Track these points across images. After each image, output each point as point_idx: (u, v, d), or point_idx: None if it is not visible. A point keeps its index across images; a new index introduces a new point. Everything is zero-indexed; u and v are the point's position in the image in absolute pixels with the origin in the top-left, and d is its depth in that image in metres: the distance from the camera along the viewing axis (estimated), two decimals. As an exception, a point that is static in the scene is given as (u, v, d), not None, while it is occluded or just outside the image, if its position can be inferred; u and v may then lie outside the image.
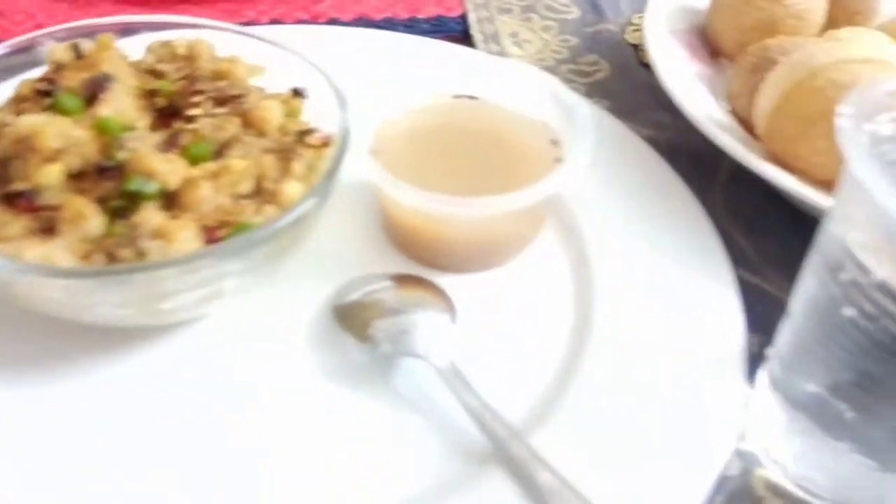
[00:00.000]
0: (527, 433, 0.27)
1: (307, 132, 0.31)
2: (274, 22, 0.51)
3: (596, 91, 0.47)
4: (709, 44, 0.44)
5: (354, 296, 0.33)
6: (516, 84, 0.39)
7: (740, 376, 0.29)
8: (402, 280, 0.34)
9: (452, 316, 0.31)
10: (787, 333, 0.27)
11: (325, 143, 0.31)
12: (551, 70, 0.49)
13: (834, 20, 0.43)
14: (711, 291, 0.32)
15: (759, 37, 0.40)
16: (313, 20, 0.51)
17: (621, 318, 0.32)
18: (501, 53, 0.50)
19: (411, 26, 0.52)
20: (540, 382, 0.30)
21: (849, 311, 0.23)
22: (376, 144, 0.34)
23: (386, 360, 0.30)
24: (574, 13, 0.54)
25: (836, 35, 0.41)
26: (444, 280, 0.33)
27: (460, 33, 0.52)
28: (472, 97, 0.37)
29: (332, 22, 0.51)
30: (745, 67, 0.38)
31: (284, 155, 0.30)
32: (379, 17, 0.52)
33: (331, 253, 0.34)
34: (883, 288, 0.22)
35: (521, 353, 0.31)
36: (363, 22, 0.51)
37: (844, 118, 0.22)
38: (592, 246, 0.35)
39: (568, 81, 0.48)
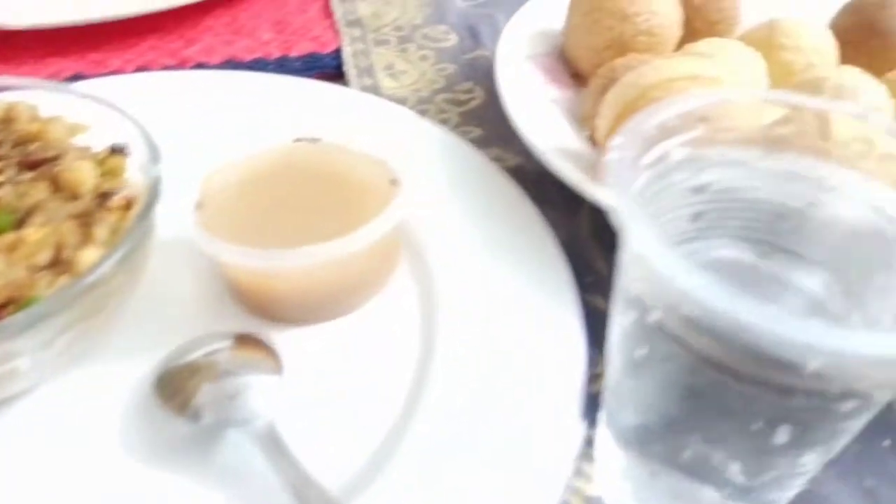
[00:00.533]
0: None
1: (107, 194, 0.29)
2: (139, 70, 0.49)
3: (470, 119, 0.46)
4: (569, 67, 0.43)
5: (189, 357, 0.31)
6: (368, 120, 0.38)
7: (575, 417, 0.28)
8: (239, 339, 0.32)
9: (280, 376, 0.30)
10: (608, 368, 0.26)
11: (128, 205, 0.29)
12: (427, 100, 0.48)
13: (694, 32, 0.43)
14: (558, 330, 0.31)
15: (613, 56, 0.39)
16: (181, 66, 0.50)
17: (461, 368, 0.30)
18: (375, 87, 0.49)
19: (282, 65, 0.50)
20: (369, 445, 0.28)
21: (640, 351, 0.22)
22: (203, 197, 0.32)
23: (209, 431, 0.28)
24: (452, 40, 0.54)
25: (693, 48, 0.40)
26: (291, 333, 0.32)
27: (334, 69, 0.51)
28: (313, 140, 0.36)
29: (200, 66, 0.50)
30: (595, 89, 0.37)
31: (85, 220, 0.28)
32: (249, 58, 0.51)
33: (171, 315, 0.33)
34: (662, 331, 0.20)
35: (354, 411, 0.29)
36: (232, 65, 0.50)
37: (614, 156, 0.21)
38: (441, 286, 0.33)
39: (442, 111, 0.47)
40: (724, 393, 0.21)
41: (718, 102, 0.24)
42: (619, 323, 0.23)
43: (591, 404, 0.29)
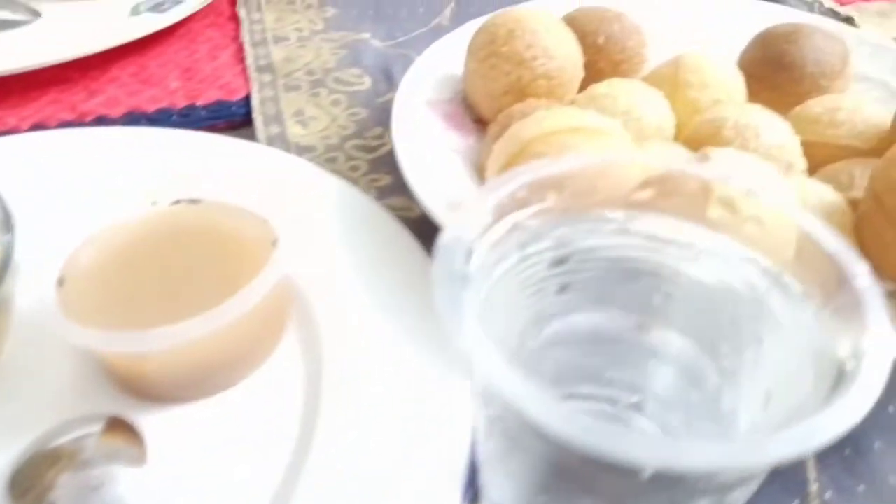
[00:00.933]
0: None
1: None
2: (36, 127, 0.47)
3: (380, 166, 0.45)
4: (472, 112, 0.42)
5: (55, 444, 0.29)
6: (260, 174, 0.36)
7: (456, 492, 0.26)
8: (111, 423, 0.30)
9: (146, 464, 0.28)
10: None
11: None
12: (336, 147, 0.46)
13: (598, 73, 0.42)
14: (448, 398, 0.29)
15: (512, 102, 0.38)
16: (80, 119, 0.48)
17: (342, 448, 0.28)
18: (283, 135, 0.47)
19: (187, 115, 0.49)
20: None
21: (497, 435, 0.20)
22: (66, 272, 0.30)
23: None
24: (365, 84, 0.52)
25: (594, 90, 0.39)
26: (167, 413, 0.30)
27: (242, 117, 0.49)
28: (193, 201, 0.34)
29: (101, 119, 0.48)
30: (491, 137, 0.36)
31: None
32: (153, 108, 0.49)
33: (37, 397, 0.31)
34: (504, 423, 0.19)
35: (227, 499, 0.27)
36: (134, 117, 0.48)
37: (447, 237, 0.19)
38: (327, 354, 0.32)
39: (351, 159, 0.46)
40: (586, 475, 0.19)
41: (577, 167, 0.22)
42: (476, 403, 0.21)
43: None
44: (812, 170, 0.37)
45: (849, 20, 0.62)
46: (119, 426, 0.30)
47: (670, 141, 0.39)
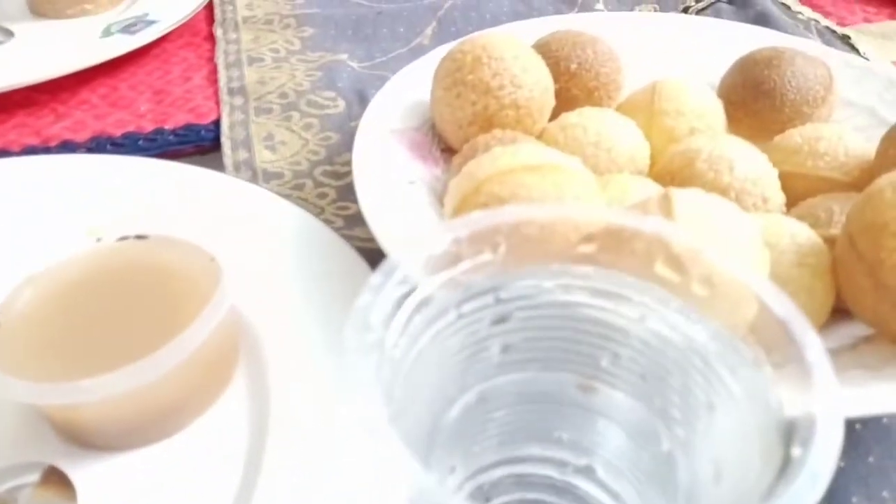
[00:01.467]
0: None
1: None
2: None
3: (347, 194, 0.43)
4: (440, 141, 0.40)
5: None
6: (217, 206, 0.35)
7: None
8: (49, 472, 0.28)
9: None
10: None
11: None
12: (304, 174, 0.45)
13: (572, 100, 0.40)
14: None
15: (479, 131, 0.37)
16: (44, 144, 0.47)
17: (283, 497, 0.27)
18: (251, 161, 0.46)
19: (154, 140, 0.47)
20: None
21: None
22: (1, 315, 0.29)
23: None
24: (339, 107, 0.51)
25: (565, 119, 0.38)
26: (108, 461, 0.29)
27: (211, 142, 0.48)
28: (140, 237, 0.33)
29: (66, 144, 0.47)
30: (454, 169, 0.35)
31: None
32: (119, 133, 0.48)
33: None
34: None
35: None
36: (100, 141, 0.47)
37: (364, 301, 0.18)
38: (275, 394, 0.30)
39: (319, 185, 0.44)
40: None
41: (519, 219, 0.21)
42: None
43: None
44: (792, 202, 0.35)
45: (845, 38, 0.60)
46: (55, 477, 0.28)
47: (644, 172, 0.38)
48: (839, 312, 0.31)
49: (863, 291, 0.28)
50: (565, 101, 0.40)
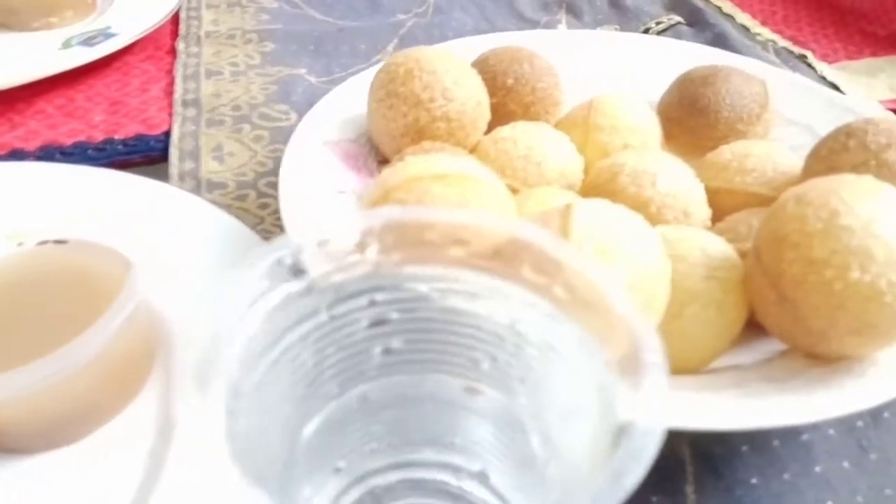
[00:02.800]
0: None
1: None
2: (-52, 159, 0.47)
3: (291, 205, 0.44)
4: (378, 153, 0.41)
5: None
6: (143, 211, 0.35)
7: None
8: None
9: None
10: None
11: None
12: (248, 185, 0.45)
13: (509, 115, 0.41)
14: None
15: (411, 143, 0.37)
16: (-6, 152, 0.47)
17: None
18: (196, 170, 0.46)
19: (103, 149, 0.48)
20: None
21: None
22: None
23: None
24: (291, 120, 0.51)
25: (497, 133, 0.38)
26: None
27: (160, 152, 0.48)
28: (59, 241, 0.33)
29: (15, 152, 0.47)
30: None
31: None
32: (70, 142, 0.48)
33: None
34: None
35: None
36: (49, 150, 0.47)
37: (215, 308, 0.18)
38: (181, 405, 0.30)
39: (262, 195, 0.45)
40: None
41: (394, 220, 0.21)
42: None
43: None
44: (720, 218, 0.36)
45: (802, 58, 0.60)
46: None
47: (576, 186, 0.38)
48: (759, 328, 0.31)
49: (768, 304, 0.28)
50: (502, 115, 0.40)
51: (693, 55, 0.49)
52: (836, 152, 0.33)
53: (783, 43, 0.62)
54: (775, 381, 0.28)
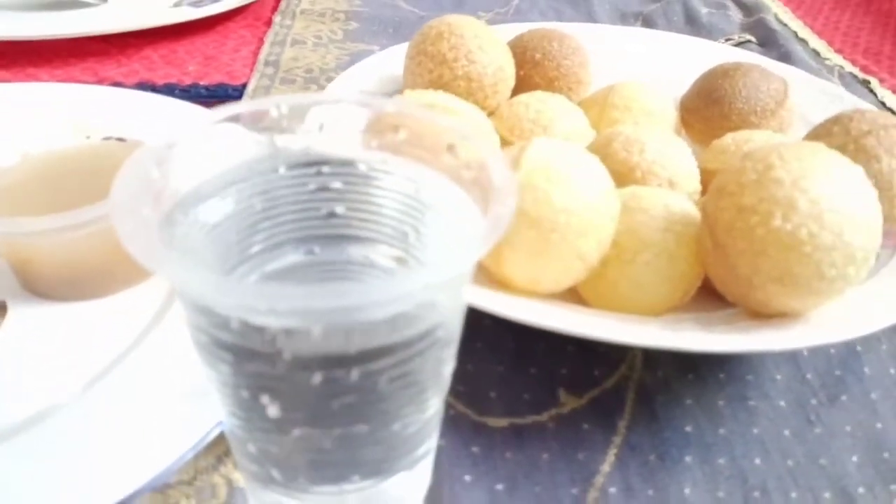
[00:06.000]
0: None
1: None
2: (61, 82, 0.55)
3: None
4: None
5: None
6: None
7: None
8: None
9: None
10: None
11: None
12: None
13: (533, 87, 0.44)
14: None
15: (432, 98, 0.41)
16: (98, 83, 0.55)
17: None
18: (262, 117, 0.52)
19: (188, 91, 0.54)
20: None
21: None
22: (-7, 175, 0.36)
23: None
24: (354, 85, 0.56)
25: (516, 99, 0.41)
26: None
27: (236, 99, 0.54)
28: (120, 139, 0.39)
29: (116, 84, 0.55)
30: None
31: None
32: (162, 82, 0.55)
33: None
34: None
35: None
36: (144, 86, 0.55)
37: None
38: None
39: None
40: (252, 374, 0.21)
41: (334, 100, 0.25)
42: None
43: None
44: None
45: (866, 83, 0.60)
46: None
47: (580, 153, 0.40)
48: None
49: (707, 252, 0.30)
50: (528, 87, 0.44)
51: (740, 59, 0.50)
52: (821, 136, 0.34)
53: (850, 69, 0.61)
54: (703, 324, 0.30)
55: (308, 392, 0.20)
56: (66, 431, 0.28)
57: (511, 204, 0.20)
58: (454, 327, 0.22)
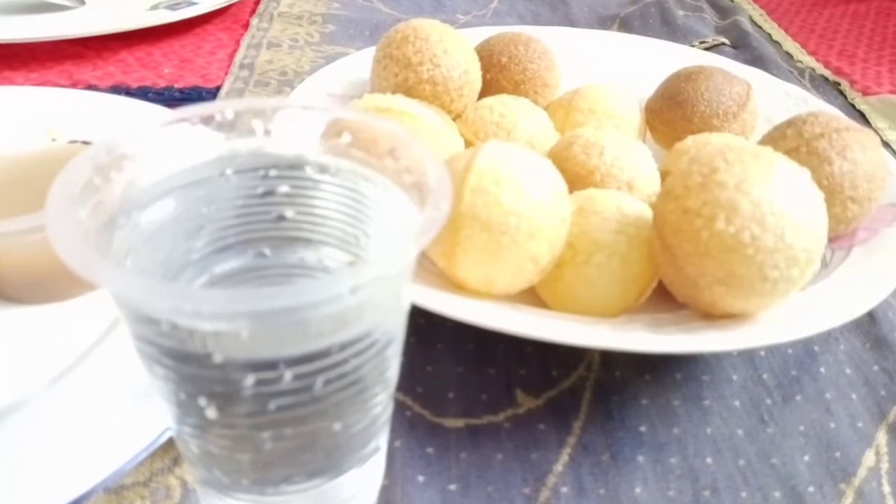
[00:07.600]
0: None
1: None
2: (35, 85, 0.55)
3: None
4: (375, 109, 0.45)
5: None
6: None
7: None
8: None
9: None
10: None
11: None
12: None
13: (500, 90, 0.44)
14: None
15: (398, 101, 0.41)
16: (73, 86, 0.55)
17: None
18: (235, 120, 0.52)
19: (162, 94, 0.55)
20: None
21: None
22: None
23: None
24: (328, 88, 0.57)
25: (481, 102, 0.42)
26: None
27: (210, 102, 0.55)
28: (85, 142, 0.39)
29: (89, 87, 0.55)
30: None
31: None
32: (136, 85, 0.56)
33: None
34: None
35: None
36: (118, 89, 0.55)
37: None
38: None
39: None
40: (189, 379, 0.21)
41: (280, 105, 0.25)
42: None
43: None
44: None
45: (836, 85, 0.61)
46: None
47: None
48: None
49: (657, 254, 0.30)
50: (494, 91, 0.44)
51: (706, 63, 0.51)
52: (775, 139, 0.35)
53: (822, 71, 0.62)
54: (651, 326, 0.30)
55: (242, 394, 0.20)
56: (18, 433, 0.28)
57: (444, 207, 0.20)
58: (394, 328, 0.23)
